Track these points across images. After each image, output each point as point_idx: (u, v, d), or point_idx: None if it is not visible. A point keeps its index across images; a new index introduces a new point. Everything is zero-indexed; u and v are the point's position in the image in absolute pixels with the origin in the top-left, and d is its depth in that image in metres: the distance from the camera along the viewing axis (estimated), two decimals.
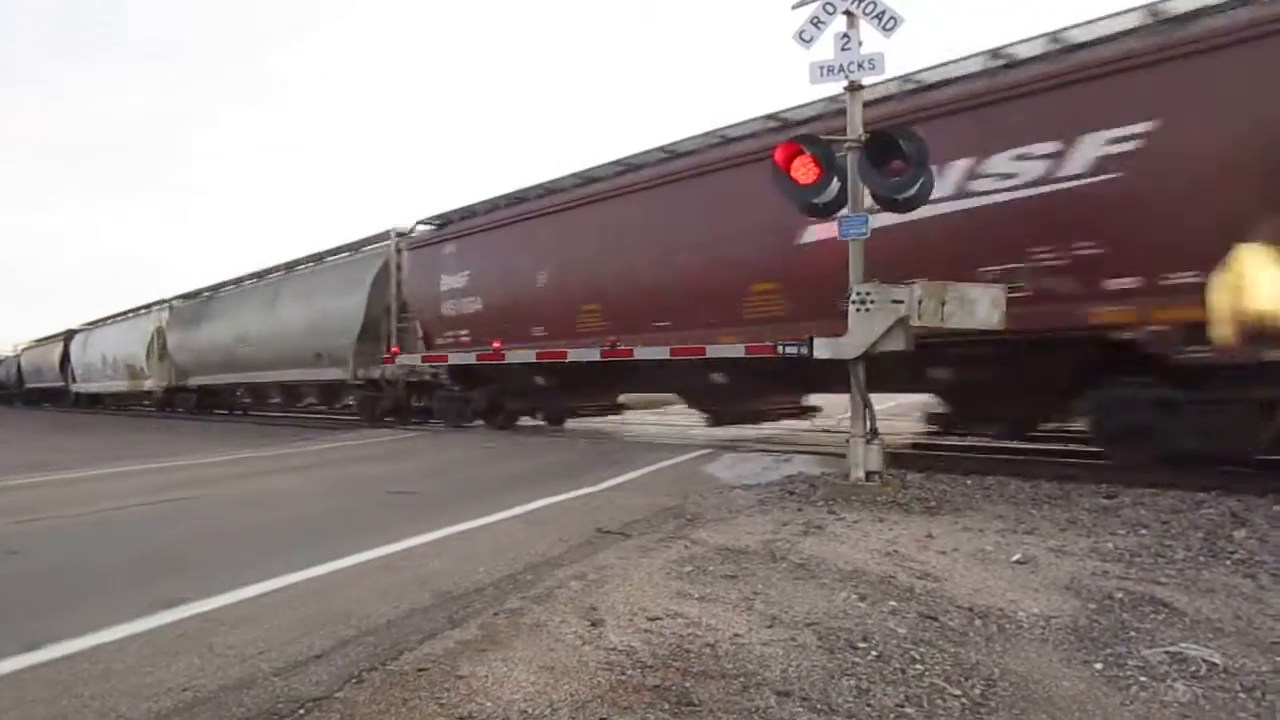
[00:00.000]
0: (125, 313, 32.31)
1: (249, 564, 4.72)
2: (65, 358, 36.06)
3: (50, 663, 3.27)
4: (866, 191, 6.78)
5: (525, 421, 15.47)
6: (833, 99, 10.17)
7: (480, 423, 15.39)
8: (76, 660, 3.29)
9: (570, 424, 15.60)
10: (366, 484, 8.23)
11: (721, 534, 5.40)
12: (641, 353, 10.78)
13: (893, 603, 3.87)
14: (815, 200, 6.87)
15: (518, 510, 6.32)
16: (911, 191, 6.58)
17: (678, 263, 10.39)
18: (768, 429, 13.32)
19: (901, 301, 6.35)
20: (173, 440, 16.05)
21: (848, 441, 6.91)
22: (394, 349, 16.01)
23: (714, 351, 9.60)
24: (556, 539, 5.31)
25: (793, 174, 6.58)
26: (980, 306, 6.14)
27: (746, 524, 5.74)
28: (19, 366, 43.49)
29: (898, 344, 6.49)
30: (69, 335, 36.21)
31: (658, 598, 3.98)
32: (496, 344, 13.41)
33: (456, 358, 14.44)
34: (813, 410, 12.60)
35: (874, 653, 3.23)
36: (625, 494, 7.15)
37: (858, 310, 6.49)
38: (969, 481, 7.35)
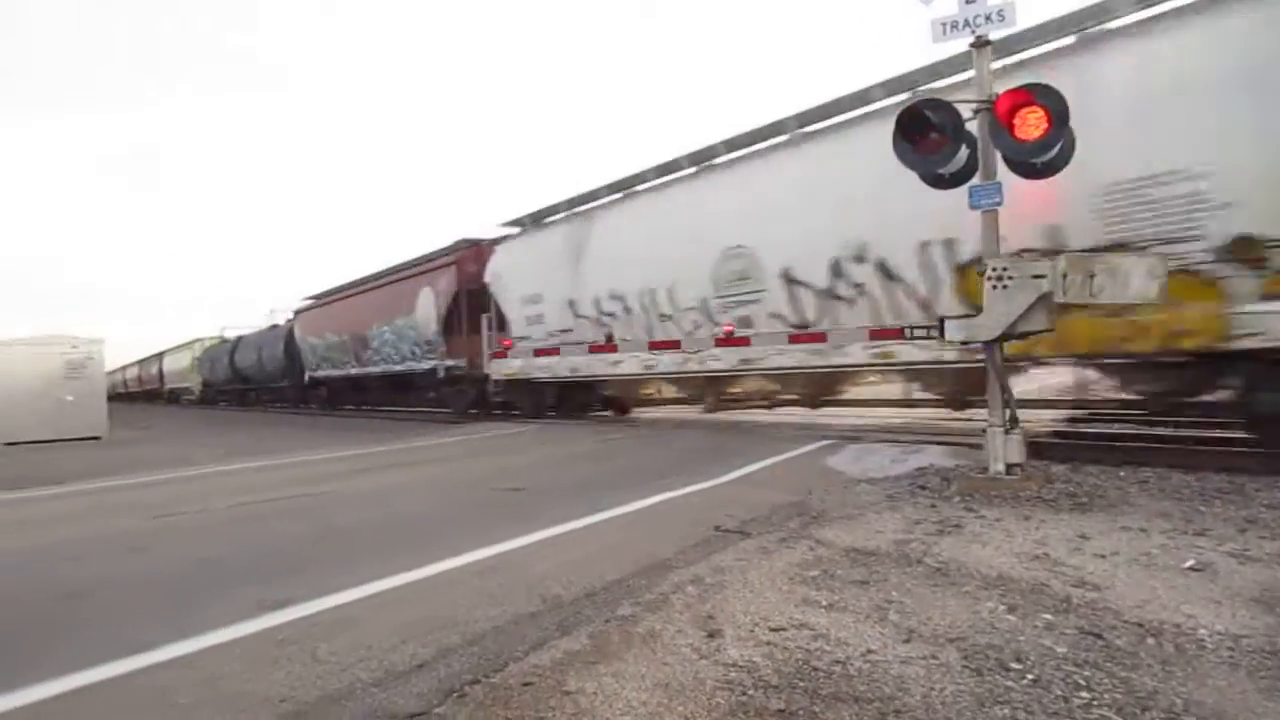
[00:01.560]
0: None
1: (357, 563, 4.69)
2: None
3: (155, 667, 3.24)
4: (999, 157, 6.22)
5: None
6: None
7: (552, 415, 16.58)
8: (181, 665, 3.25)
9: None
10: (473, 480, 8.20)
11: (849, 533, 5.03)
12: (760, 345, 10.45)
13: (1047, 615, 3.43)
14: (941, 170, 6.36)
15: (629, 508, 6.10)
16: (1051, 154, 6.00)
17: None
18: (894, 419, 12.71)
19: (1043, 276, 5.78)
20: (291, 436, 16.67)
21: (984, 431, 6.38)
22: (506, 343, 16.29)
23: (838, 340, 9.16)
24: (671, 538, 5.05)
25: (917, 142, 6.09)
26: (1135, 278, 5.51)
27: (875, 522, 5.34)
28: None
29: (1039, 323, 5.92)
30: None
31: (781, 605, 3.67)
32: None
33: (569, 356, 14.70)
34: None
35: (1029, 676, 2.82)
36: (743, 490, 6.83)
37: (993, 287, 5.95)
38: (1122, 473, 6.69)
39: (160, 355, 53.28)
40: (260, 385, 35.09)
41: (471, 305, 18.03)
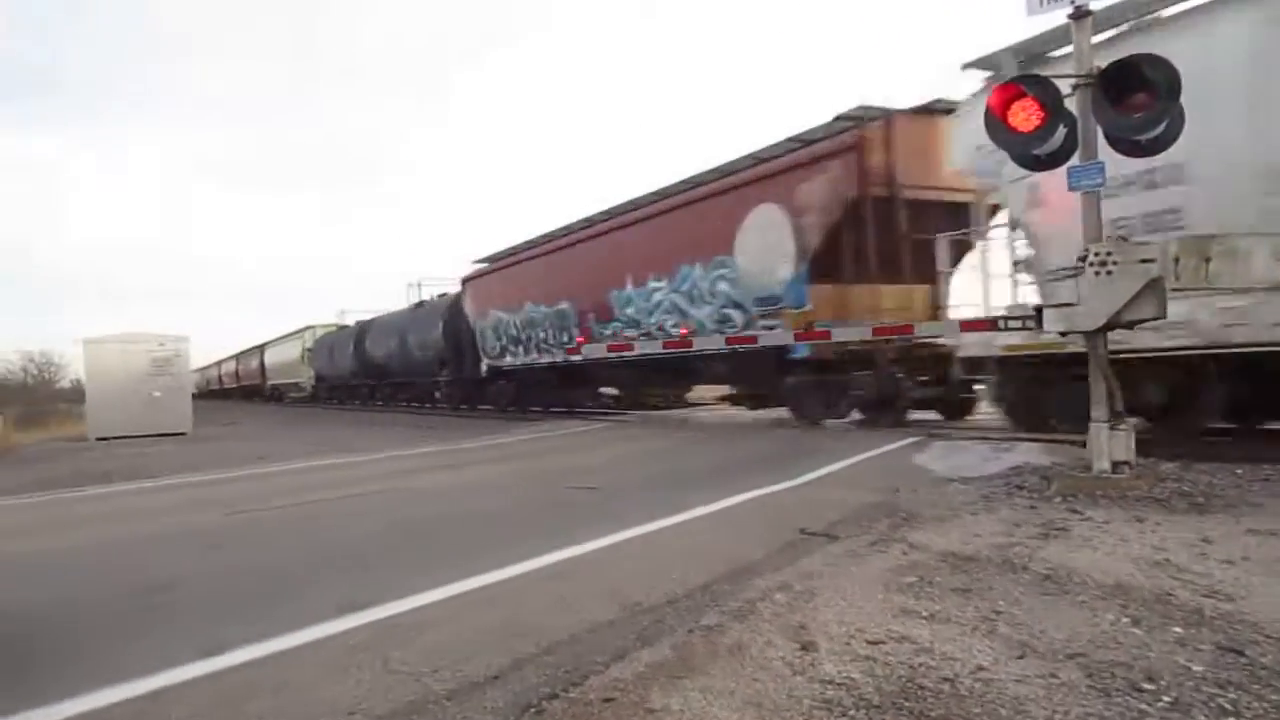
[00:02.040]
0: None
1: (433, 564, 4.60)
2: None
3: (225, 671, 3.17)
4: (1099, 135, 5.83)
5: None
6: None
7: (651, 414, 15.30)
8: (251, 670, 3.18)
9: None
10: (548, 478, 8.12)
11: (944, 536, 4.74)
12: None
13: (1177, 629, 3.11)
14: (1037, 151, 5.99)
15: (709, 508, 5.89)
16: (1157, 130, 5.58)
17: None
18: (979, 415, 12.21)
19: (1152, 260, 5.38)
20: (378, 434, 16.90)
21: (1088, 428, 5.99)
22: (580, 339, 16.10)
23: (928, 330, 8.76)
24: (755, 541, 4.83)
25: (1009, 121, 5.74)
26: (1257, 259, 5.09)
27: (972, 524, 5.03)
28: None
29: (1149, 311, 5.51)
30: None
31: (877, 616, 3.43)
32: None
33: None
34: None
35: (1166, 698, 2.53)
36: (828, 489, 6.57)
37: (1096, 274, 5.56)
38: (1239, 471, 6.21)
39: (261, 348, 49.14)
40: (404, 379, 28.18)
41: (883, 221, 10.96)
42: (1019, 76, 5.70)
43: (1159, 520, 4.87)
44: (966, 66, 9.95)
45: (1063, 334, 6.07)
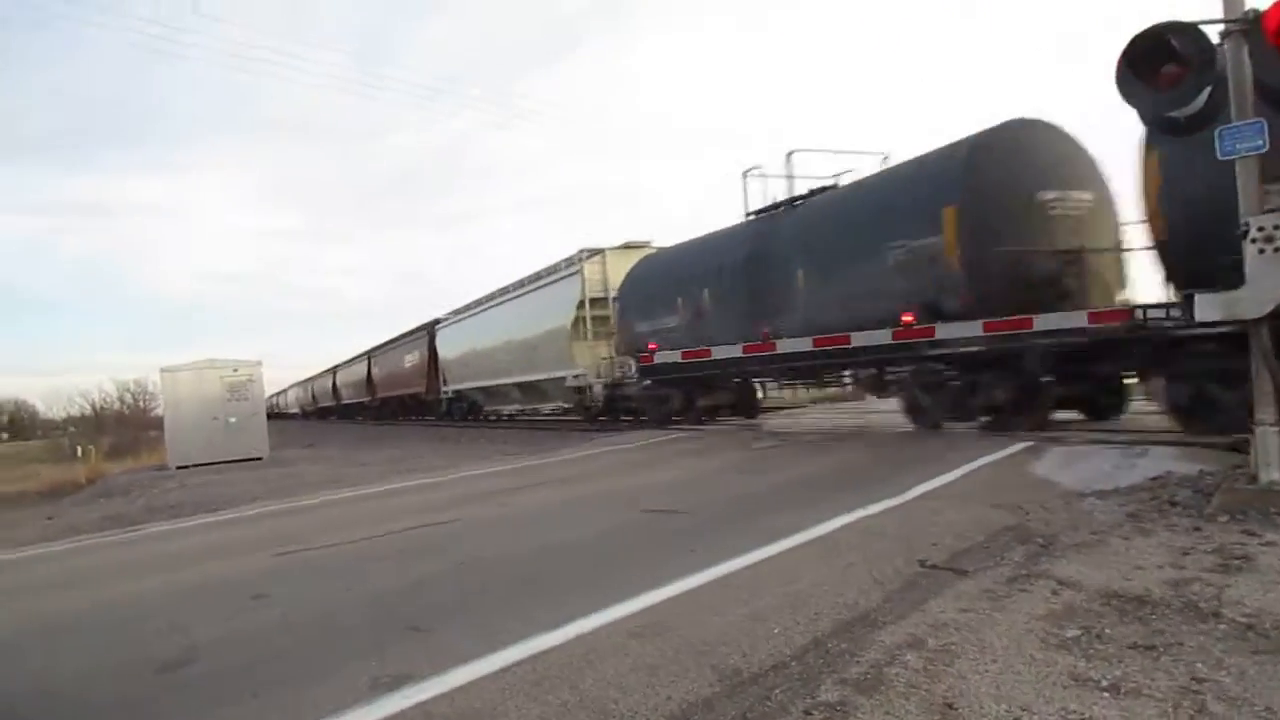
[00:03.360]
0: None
1: (490, 617, 3.99)
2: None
3: None
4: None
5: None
6: None
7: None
8: None
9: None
10: (621, 501, 7.45)
11: (1097, 568, 3.98)
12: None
13: None
14: (1174, 113, 5.16)
15: (805, 535, 5.19)
16: None
17: None
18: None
19: None
20: (450, 451, 16.57)
21: (1252, 430, 5.13)
22: (652, 345, 15.48)
23: (1044, 324, 7.87)
24: (868, 579, 4.13)
25: (1148, 78, 4.94)
26: None
27: (1125, 552, 4.25)
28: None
29: None
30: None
31: (1041, 686, 2.72)
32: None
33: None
34: None
35: None
36: (939, 508, 5.80)
37: (1261, 251, 4.72)
38: None
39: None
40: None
41: None
42: (1163, 24, 4.87)
43: None
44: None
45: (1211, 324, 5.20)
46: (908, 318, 9.98)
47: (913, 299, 9.88)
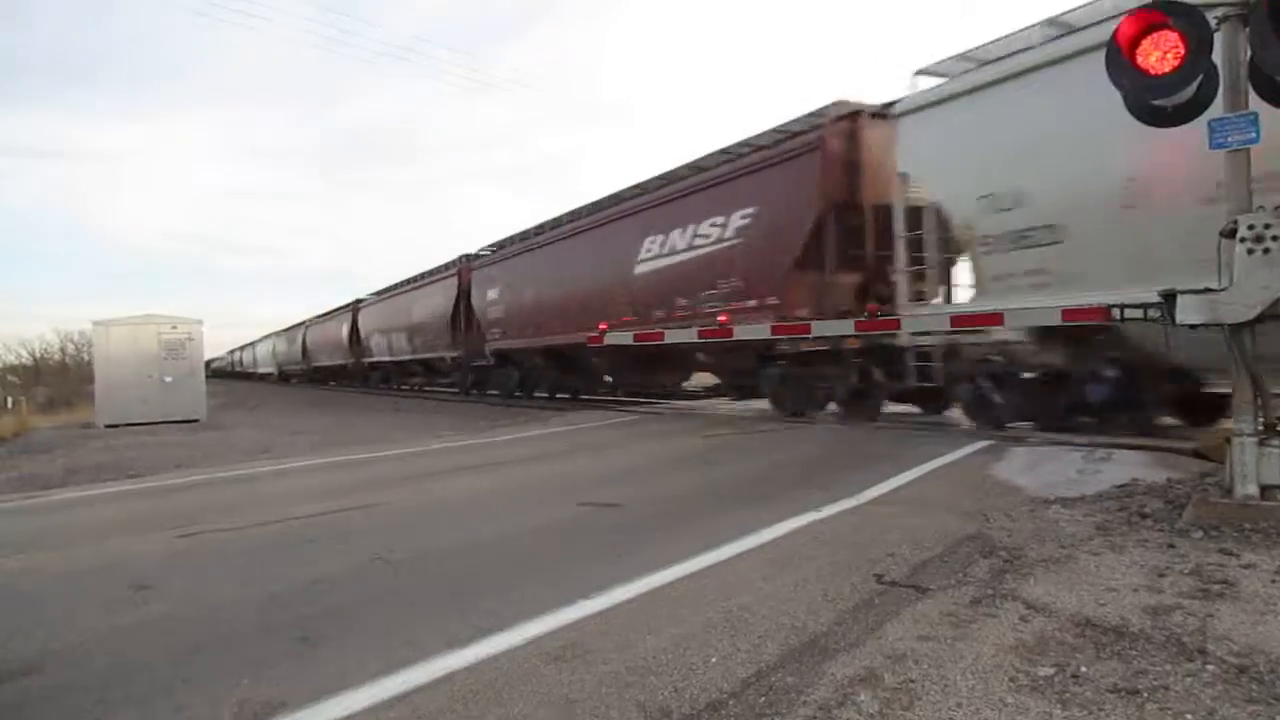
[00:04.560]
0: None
1: (395, 630, 3.54)
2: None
3: None
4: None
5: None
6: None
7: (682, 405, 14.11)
8: None
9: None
10: (557, 491, 7.01)
11: (1069, 591, 3.64)
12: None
13: None
14: (1161, 101, 4.82)
15: (755, 539, 4.80)
16: None
17: None
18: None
19: None
20: (392, 423, 15.94)
21: (1227, 441, 4.84)
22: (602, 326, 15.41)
23: (1016, 320, 7.59)
24: (819, 595, 3.76)
25: (1138, 60, 4.59)
26: None
27: (1098, 570, 3.93)
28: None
29: None
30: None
31: None
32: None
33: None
34: None
35: None
36: (898, 511, 5.46)
37: (1250, 252, 4.41)
38: None
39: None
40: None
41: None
42: (1162, 2, 4.50)
43: None
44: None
45: (1194, 327, 4.88)
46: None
47: None
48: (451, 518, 6.11)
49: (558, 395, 20.00)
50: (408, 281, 28.55)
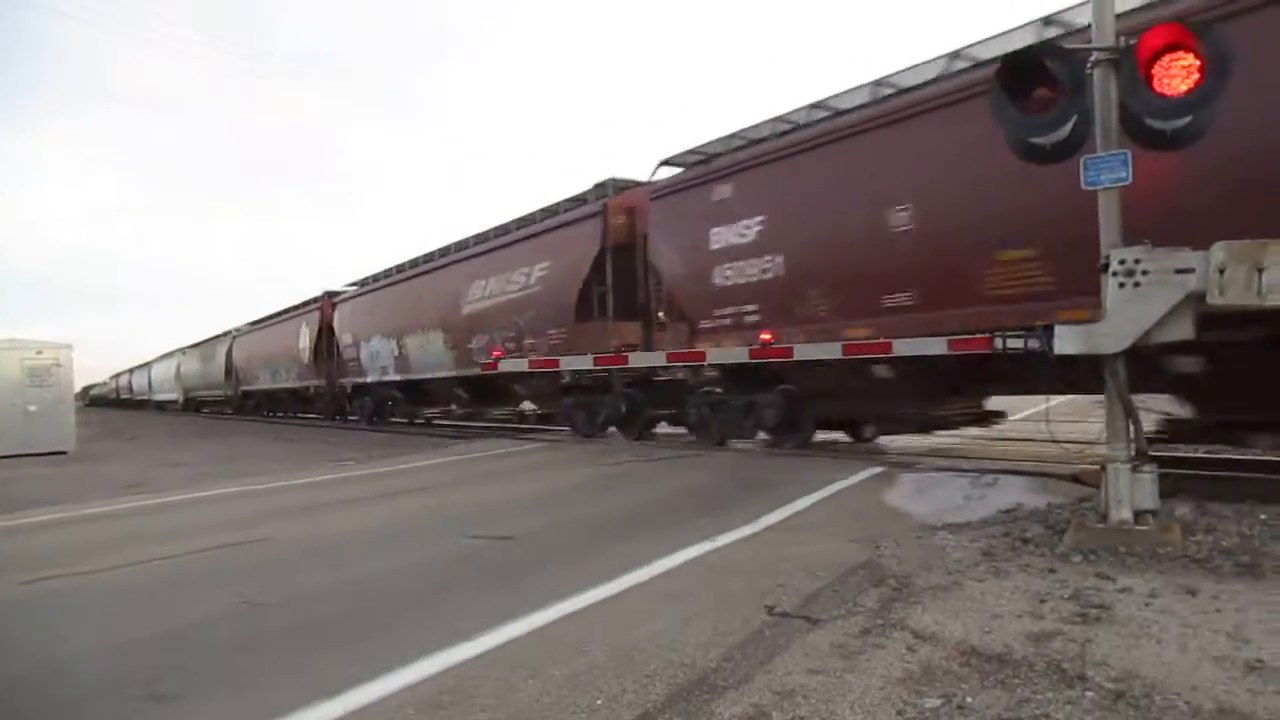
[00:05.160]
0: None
1: (259, 682, 3.29)
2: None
3: None
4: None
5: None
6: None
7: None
8: None
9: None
10: (450, 523, 6.75)
11: (955, 619, 3.66)
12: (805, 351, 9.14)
13: None
14: (1039, 139, 5.01)
15: (647, 571, 4.69)
16: (1187, 119, 4.65)
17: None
18: (939, 439, 11.30)
19: (1191, 270, 4.43)
20: (283, 453, 15.28)
21: (1103, 468, 5.01)
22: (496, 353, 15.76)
23: (903, 348, 7.79)
24: (709, 629, 3.67)
25: (1018, 100, 4.76)
26: None
27: (983, 597, 3.97)
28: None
29: (1183, 331, 4.57)
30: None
31: None
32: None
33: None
34: (996, 416, 10.48)
35: None
36: (792, 539, 5.46)
37: (1122, 285, 4.59)
38: (1263, 515, 5.28)
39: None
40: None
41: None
42: (1039, 45, 4.69)
43: (1214, 592, 3.88)
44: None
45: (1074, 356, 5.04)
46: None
47: None
48: (331, 555, 5.79)
49: (415, 421, 22.10)
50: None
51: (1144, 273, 4.55)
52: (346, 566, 5.36)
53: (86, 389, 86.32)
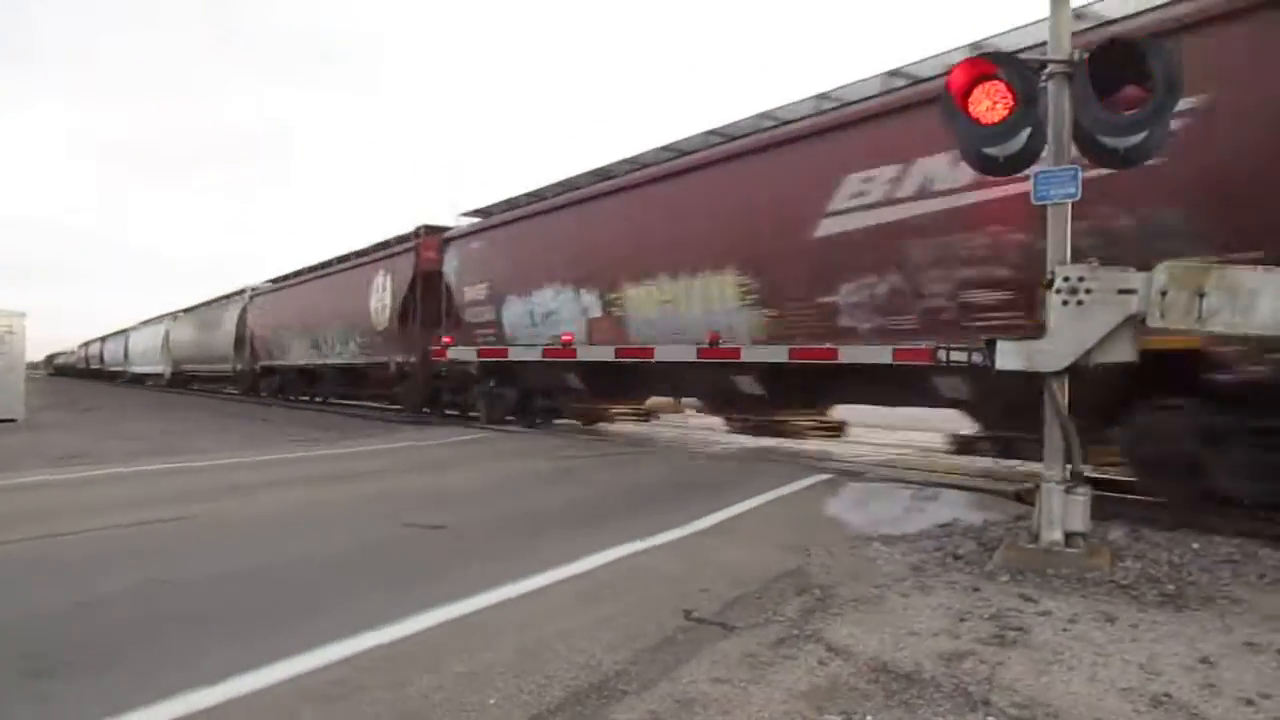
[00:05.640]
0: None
1: (148, 666, 3.14)
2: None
3: None
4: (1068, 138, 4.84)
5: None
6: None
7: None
8: None
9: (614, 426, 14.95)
10: (385, 507, 6.61)
11: (872, 633, 3.58)
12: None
13: None
14: (993, 150, 4.95)
15: (572, 569, 4.59)
16: (1141, 136, 4.61)
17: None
18: (890, 449, 11.32)
19: (1134, 291, 4.39)
20: (236, 429, 15.01)
21: (1036, 487, 4.97)
22: (447, 339, 15.39)
23: (850, 355, 7.80)
24: (621, 632, 3.57)
25: (971, 109, 4.69)
26: (1263, 301, 4.13)
27: (904, 612, 3.90)
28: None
29: (1124, 353, 4.54)
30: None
31: None
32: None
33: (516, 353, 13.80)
34: (840, 426, 11.31)
35: None
36: (723, 544, 5.37)
37: (1064, 303, 4.54)
38: (1195, 545, 5.26)
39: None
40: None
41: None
42: (991, 53, 4.63)
43: (1133, 621, 3.83)
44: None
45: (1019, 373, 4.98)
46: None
47: None
48: (256, 536, 5.62)
49: (316, 399, 24.40)
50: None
51: (1087, 291, 4.50)
52: (269, 548, 5.20)
53: (51, 358, 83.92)
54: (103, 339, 55.25)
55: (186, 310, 36.32)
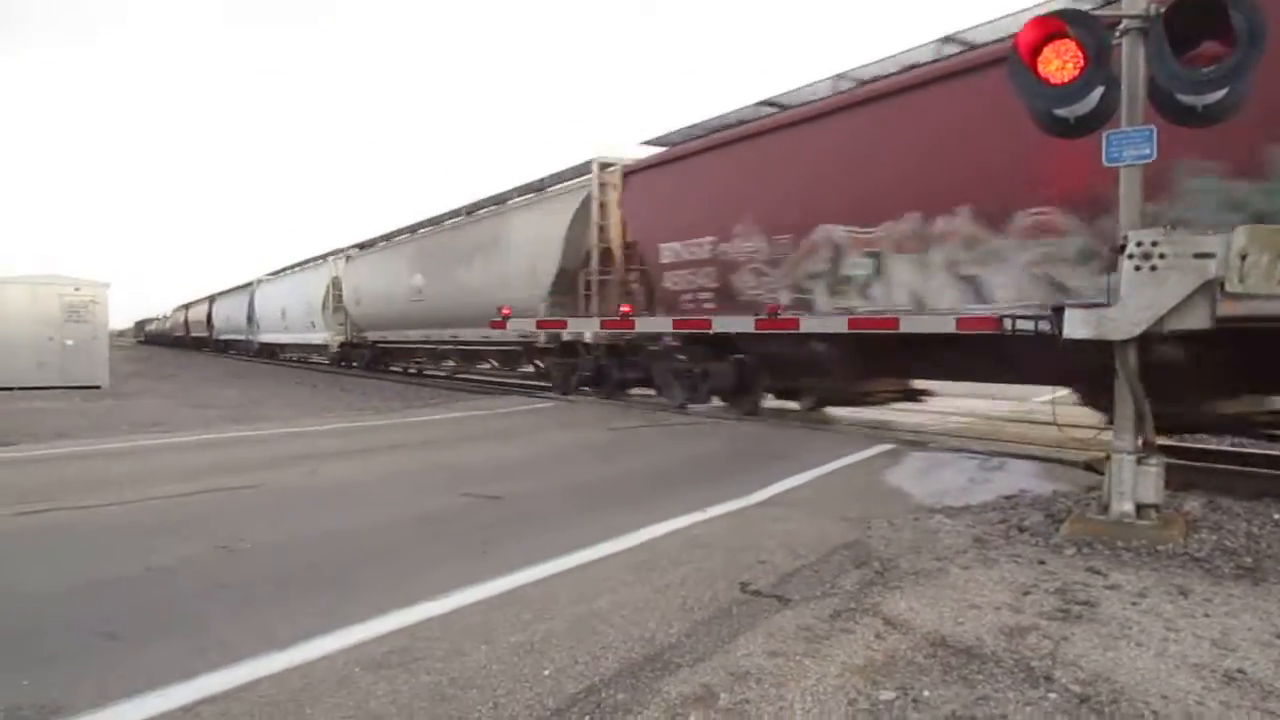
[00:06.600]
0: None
1: (214, 628, 3.28)
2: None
3: None
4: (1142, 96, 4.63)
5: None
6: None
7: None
8: None
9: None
10: (444, 479, 6.74)
11: (930, 605, 3.55)
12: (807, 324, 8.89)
13: None
14: (1063, 111, 4.76)
15: (629, 540, 4.63)
16: (1221, 93, 4.38)
17: None
18: (954, 418, 11.12)
19: (1211, 255, 4.20)
20: (307, 399, 15.46)
21: (1107, 458, 4.83)
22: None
23: (911, 325, 7.60)
24: (677, 604, 3.59)
25: (1040, 68, 4.51)
26: None
27: (965, 585, 3.84)
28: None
29: (1199, 320, 4.35)
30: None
31: None
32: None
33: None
34: (922, 394, 10.89)
35: None
36: (783, 515, 5.35)
37: (1137, 269, 4.37)
38: (1277, 516, 5.07)
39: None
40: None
41: None
42: (1061, 11, 4.44)
43: (1208, 594, 3.71)
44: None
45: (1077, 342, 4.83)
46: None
47: None
48: (320, 505, 5.80)
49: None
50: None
51: (1161, 255, 4.33)
52: (333, 517, 5.37)
53: (141, 324, 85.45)
54: (210, 298, 45.79)
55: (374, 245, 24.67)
